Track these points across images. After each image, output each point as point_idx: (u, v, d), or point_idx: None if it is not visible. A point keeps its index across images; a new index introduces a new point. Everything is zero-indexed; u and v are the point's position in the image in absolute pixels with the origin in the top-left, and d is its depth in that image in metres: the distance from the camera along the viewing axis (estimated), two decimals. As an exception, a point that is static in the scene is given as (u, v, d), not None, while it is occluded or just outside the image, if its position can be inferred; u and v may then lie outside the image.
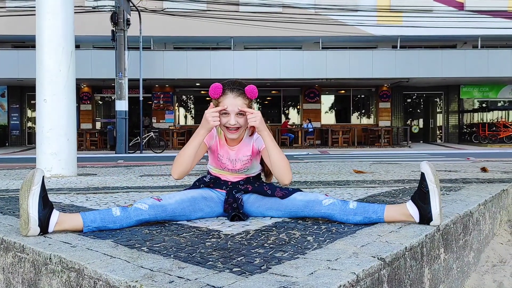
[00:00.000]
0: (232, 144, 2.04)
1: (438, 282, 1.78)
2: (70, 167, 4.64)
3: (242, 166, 2.06)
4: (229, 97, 1.92)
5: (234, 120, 1.91)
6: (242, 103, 1.92)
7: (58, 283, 1.41)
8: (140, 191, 3.16)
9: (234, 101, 1.91)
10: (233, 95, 1.92)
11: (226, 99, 1.92)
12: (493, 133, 19.68)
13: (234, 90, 1.93)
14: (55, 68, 4.56)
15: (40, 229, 1.68)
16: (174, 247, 1.54)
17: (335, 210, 1.88)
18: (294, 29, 18.64)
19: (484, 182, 3.46)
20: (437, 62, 18.34)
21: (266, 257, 1.41)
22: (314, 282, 1.15)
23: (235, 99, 1.91)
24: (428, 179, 1.79)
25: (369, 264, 1.31)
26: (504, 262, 2.41)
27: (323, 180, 3.86)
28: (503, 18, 19.79)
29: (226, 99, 1.92)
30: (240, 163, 2.05)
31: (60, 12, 4.59)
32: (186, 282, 1.17)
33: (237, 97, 1.92)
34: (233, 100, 1.91)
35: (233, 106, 1.91)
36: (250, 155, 2.04)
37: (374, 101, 21.47)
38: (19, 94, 20.39)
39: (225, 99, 1.92)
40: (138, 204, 1.86)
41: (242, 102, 1.92)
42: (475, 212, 2.28)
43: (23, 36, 18.46)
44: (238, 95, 1.92)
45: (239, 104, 1.91)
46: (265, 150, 1.99)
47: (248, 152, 2.04)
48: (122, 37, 14.54)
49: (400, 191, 2.96)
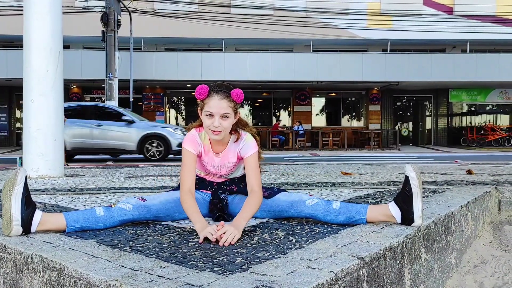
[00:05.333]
0: (217, 150, 2.02)
1: (418, 282, 1.81)
2: (57, 167, 4.61)
3: (227, 172, 2.06)
4: (214, 99, 1.90)
5: (218, 122, 1.88)
6: (227, 106, 1.90)
7: (39, 283, 1.41)
8: (127, 192, 3.16)
9: (219, 103, 1.89)
10: (218, 97, 1.90)
11: (211, 101, 1.90)
12: (481, 136, 19.91)
13: (219, 92, 1.91)
14: (43, 68, 4.53)
15: (23, 229, 1.67)
16: (157, 247, 1.55)
17: (319, 210, 1.90)
18: (285, 32, 18.70)
19: (469, 184, 3.51)
20: (426, 66, 18.53)
21: (248, 256, 1.42)
22: (292, 281, 1.17)
23: (220, 101, 1.89)
24: (412, 182, 1.81)
25: (349, 263, 1.32)
26: (485, 263, 2.45)
27: (311, 182, 3.88)
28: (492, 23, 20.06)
29: (211, 101, 1.90)
30: (225, 169, 2.05)
31: (48, 12, 4.57)
32: (166, 281, 1.18)
33: (222, 100, 1.90)
34: (218, 102, 1.89)
35: (217, 108, 1.88)
36: (235, 162, 2.04)
37: (364, 104, 21.61)
38: (8, 94, 20.19)
39: (210, 101, 1.90)
40: (121, 204, 1.86)
41: (227, 105, 1.90)
42: (457, 213, 2.32)
43: (11, 36, 18.29)
44: (223, 97, 1.90)
45: (224, 106, 1.89)
46: (246, 161, 1.98)
47: (233, 159, 2.03)
48: (112, 37, 14.48)
49: (385, 193, 2.99)
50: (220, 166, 2.03)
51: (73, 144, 10.70)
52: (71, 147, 10.63)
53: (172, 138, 10.95)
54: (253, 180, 1.93)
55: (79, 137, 10.74)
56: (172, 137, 10.96)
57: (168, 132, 11.04)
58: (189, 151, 1.96)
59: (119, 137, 10.88)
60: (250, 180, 1.94)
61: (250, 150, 1.98)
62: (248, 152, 1.98)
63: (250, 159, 1.97)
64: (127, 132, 10.88)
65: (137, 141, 10.81)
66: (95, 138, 10.82)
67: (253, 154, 1.98)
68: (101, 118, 11.12)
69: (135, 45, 17.07)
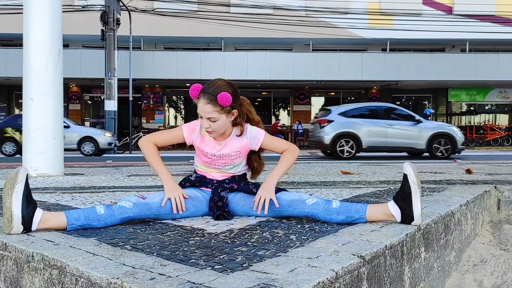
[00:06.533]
0: (219, 139, 2.07)
1: (418, 281, 1.81)
2: (57, 166, 4.61)
3: (229, 161, 2.07)
4: (200, 102, 1.95)
5: (207, 123, 1.95)
6: (212, 110, 1.92)
7: (40, 281, 1.41)
8: (127, 191, 3.16)
9: (204, 107, 1.93)
10: (203, 101, 1.93)
11: (199, 103, 1.96)
12: (481, 136, 19.94)
13: (206, 95, 1.93)
14: (42, 67, 4.53)
15: (24, 227, 1.67)
16: (157, 245, 1.55)
17: (319, 209, 1.90)
18: (285, 31, 18.71)
19: (468, 183, 3.51)
20: (425, 65, 18.56)
21: (249, 255, 1.42)
22: (293, 279, 1.17)
23: (204, 106, 1.93)
24: (410, 180, 1.82)
25: (349, 261, 1.33)
26: (485, 262, 2.46)
27: (310, 181, 3.88)
28: (491, 23, 20.09)
29: (199, 103, 1.96)
30: (228, 158, 2.07)
31: (47, 11, 4.56)
32: (167, 279, 1.18)
33: (207, 104, 1.93)
34: (202, 106, 1.94)
35: (202, 112, 1.94)
36: (239, 151, 2.07)
37: (363, 103, 21.63)
38: (7, 93, 20.18)
39: (198, 103, 1.96)
40: (122, 202, 1.86)
41: (212, 109, 1.92)
42: (456, 212, 2.32)
43: (11, 35, 18.28)
44: (207, 102, 1.92)
45: (208, 111, 1.92)
46: (264, 144, 2.09)
47: (237, 148, 2.06)
48: (112, 36, 14.47)
49: (384, 192, 2.99)
50: (223, 154, 2.06)
51: (368, 143, 11.41)
52: (367, 145, 11.40)
53: (457, 136, 11.74)
54: (280, 146, 2.10)
55: (373, 136, 11.43)
56: (457, 135, 11.80)
57: (453, 131, 11.88)
58: (183, 133, 2.07)
59: (409, 136, 11.57)
60: (278, 149, 2.10)
61: (259, 135, 2.08)
62: (259, 137, 2.08)
63: (265, 140, 2.08)
64: (416, 132, 11.58)
65: (426, 140, 11.53)
66: (388, 137, 11.55)
67: (264, 136, 2.08)
68: (390, 119, 11.85)
69: (134, 44, 17.07)
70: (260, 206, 1.92)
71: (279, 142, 2.14)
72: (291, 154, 2.08)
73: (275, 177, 2.00)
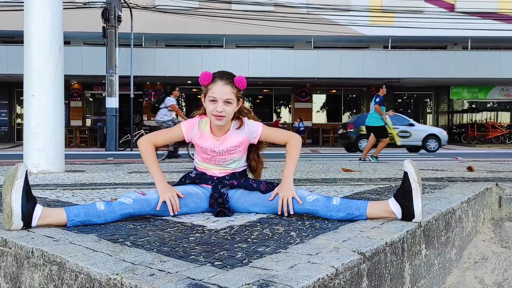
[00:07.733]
0: (218, 134, 2.06)
1: (419, 278, 1.81)
2: (58, 163, 4.61)
3: (229, 155, 2.07)
4: (217, 85, 1.96)
5: (221, 107, 1.94)
6: (230, 92, 1.96)
7: (40, 277, 1.41)
8: (127, 187, 3.16)
9: (223, 89, 1.94)
10: (222, 82, 1.96)
11: (214, 86, 1.96)
12: (482, 133, 19.90)
13: (223, 78, 1.98)
14: (43, 64, 4.53)
15: (23, 223, 1.67)
16: (157, 241, 1.55)
17: (319, 206, 1.90)
18: (286, 28, 18.68)
19: (469, 181, 3.51)
20: (427, 63, 18.51)
21: (249, 251, 1.42)
22: (293, 275, 1.16)
23: (223, 87, 1.95)
24: (411, 178, 1.81)
25: (349, 258, 1.32)
26: (485, 259, 2.45)
27: (311, 178, 3.88)
28: (493, 20, 20.02)
29: (214, 86, 1.96)
30: (228, 153, 2.06)
31: (48, 8, 4.55)
32: (166, 275, 1.18)
33: (226, 85, 1.96)
34: (221, 87, 1.95)
35: (221, 94, 1.94)
36: (238, 145, 2.06)
37: (365, 101, 21.60)
38: (8, 90, 20.20)
39: (214, 86, 1.96)
40: (122, 198, 1.86)
41: (230, 91, 1.96)
42: (457, 209, 2.31)
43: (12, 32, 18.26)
44: (227, 83, 1.96)
45: (227, 92, 1.95)
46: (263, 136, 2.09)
47: (236, 142, 2.06)
48: (113, 33, 14.46)
49: (385, 189, 2.99)
50: (222, 150, 2.06)
51: None
52: None
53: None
54: (281, 137, 2.11)
55: None
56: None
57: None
58: (182, 130, 2.07)
59: None
60: (279, 139, 2.11)
61: (258, 128, 2.09)
62: (258, 130, 2.08)
63: (264, 132, 2.08)
64: None
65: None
66: None
67: (262, 128, 2.08)
68: None
69: (135, 41, 17.05)
70: (285, 208, 1.93)
71: (279, 132, 2.15)
72: (296, 144, 2.08)
73: (290, 174, 2.02)
